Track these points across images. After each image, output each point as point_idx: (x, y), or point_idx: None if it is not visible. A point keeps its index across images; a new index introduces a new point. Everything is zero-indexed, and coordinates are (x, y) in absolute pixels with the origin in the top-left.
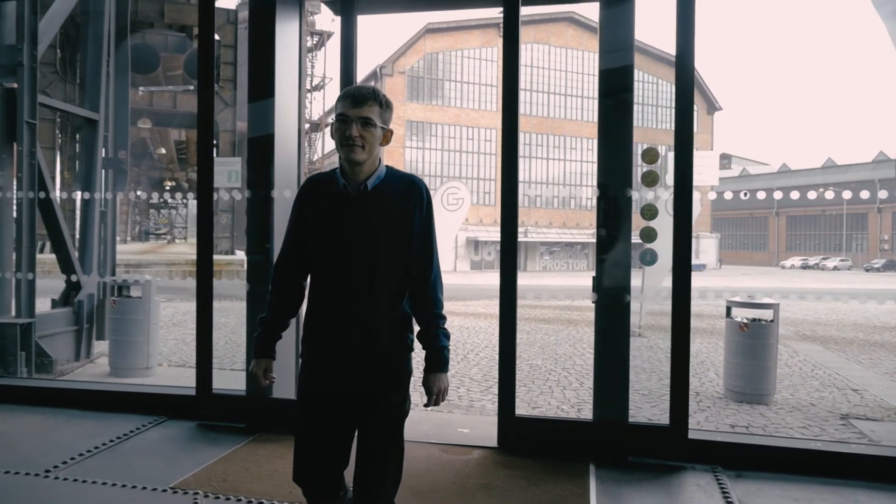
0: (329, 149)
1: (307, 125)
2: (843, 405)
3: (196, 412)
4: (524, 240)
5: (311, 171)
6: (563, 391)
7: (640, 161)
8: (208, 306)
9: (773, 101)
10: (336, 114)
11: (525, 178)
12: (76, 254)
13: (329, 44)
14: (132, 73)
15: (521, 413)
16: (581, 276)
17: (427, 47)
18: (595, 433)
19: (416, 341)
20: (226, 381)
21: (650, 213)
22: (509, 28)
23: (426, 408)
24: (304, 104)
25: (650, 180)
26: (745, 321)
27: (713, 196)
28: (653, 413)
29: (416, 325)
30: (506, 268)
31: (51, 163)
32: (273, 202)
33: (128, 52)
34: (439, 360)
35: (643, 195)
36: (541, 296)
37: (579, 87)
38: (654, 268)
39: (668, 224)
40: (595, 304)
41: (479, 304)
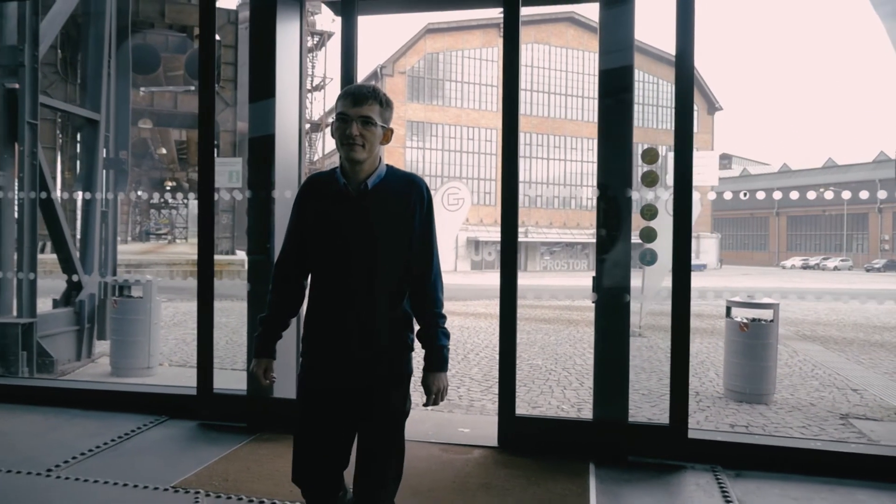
0: (329, 149)
1: (308, 125)
2: (843, 405)
3: (197, 412)
4: (525, 240)
5: (311, 171)
6: (563, 391)
7: (640, 161)
8: (209, 306)
9: (773, 101)
10: (336, 113)
11: (525, 178)
12: (77, 254)
13: (329, 44)
14: (133, 73)
15: (522, 413)
16: (581, 277)
17: (427, 47)
18: (595, 433)
19: (417, 341)
20: (227, 381)
21: (650, 213)
22: (509, 28)
23: (425, 407)
24: (304, 104)
25: (650, 180)
26: (744, 321)
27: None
28: (653, 413)
29: (417, 325)
30: (506, 268)
31: (51, 163)
32: (274, 202)
33: (129, 53)
34: (439, 360)
35: (643, 195)
36: (541, 296)
37: (580, 87)
38: (654, 268)
39: (667, 224)
40: (595, 304)
41: (480, 304)
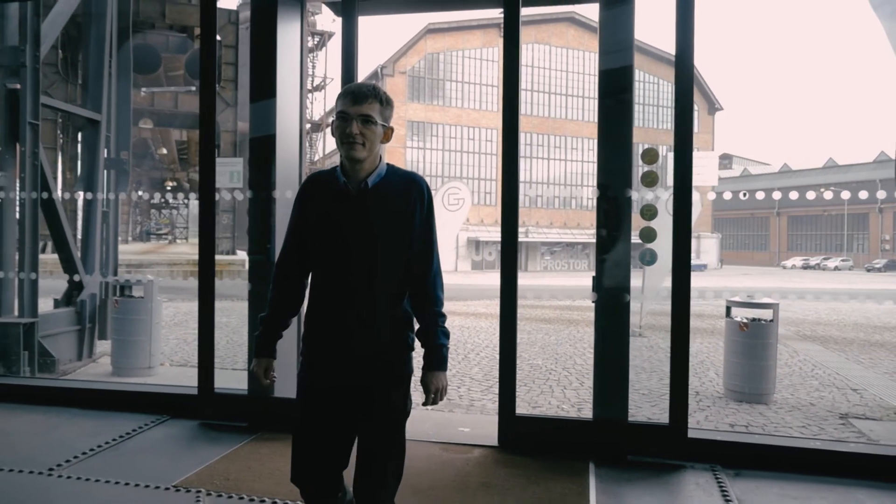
0: (330, 149)
1: (308, 125)
2: (843, 404)
3: (198, 411)
4: (525, 240)
5: (311, 171)
6: (563, 390)
7: (640, 161)
8: (210, 306)
9: (774, 102)
10: (336, 111)
11: (526, 178)
12: (78, 254)
13: (330, 44)
14: (133, 73)
15: (522, 412)
16: (582, 277)
17: (428, 47)
18: (595, 432)
19: (417, 340)
20: (228, 381)
21: (650, 213)
22: (510, 29)
23: (424, 406)
24: (305, 104)
25: (650, 181)
26: (744, 321)
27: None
28: (652, 412)
29: (418, 325)
30: (506, 268)
31: (52, 163)
32: (275, 202)
33: (130, 53)
34: (438, 359)
35: (643, 195)
36: (542, 296)
37: (580, 87)
38: (654, 268)
39: (667, 224)
40: (595, 303)
41: (480, 304)
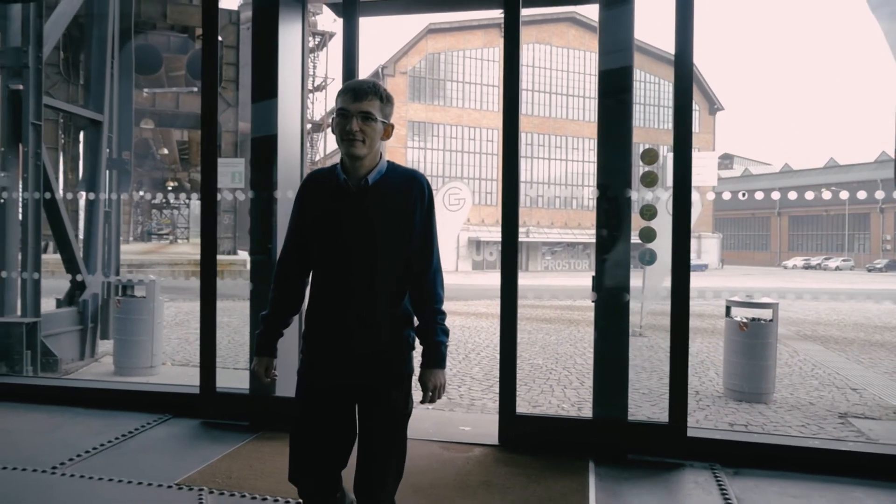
0: (331, 149)
1: (309, 125)
2: (842, 404)
3: (200, 410)
4: (526, 240)
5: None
6: (563, 390)
7: (640, 162)
8: (212, 306)
9: (774, 102)
10: (336, 108)
11: (527, 178)
12: (81, 254)
13: (331, 44)
14: (135, 74)
15: (522, 411)
16: (582, 277)
17: (429, 47)
18: (595, 431)
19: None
20: (229, 380)
21: (649, 213)
22: (510, 29)
23: (422, 404)
24: (306, 104)
25: (649, 181)
26: (744, 320)
27: (712, 196)
28: (652, 412)
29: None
30: (506, 268)
31: (54, 163)
32: (276, 202)
33: (131, 54)
34: (436, 356)
35: (642, 196)
36: (542, 296)
37: (581, 87)
38: (654, 268)
39: (667, 224)
40: (595, 303)
41: (481, 304)
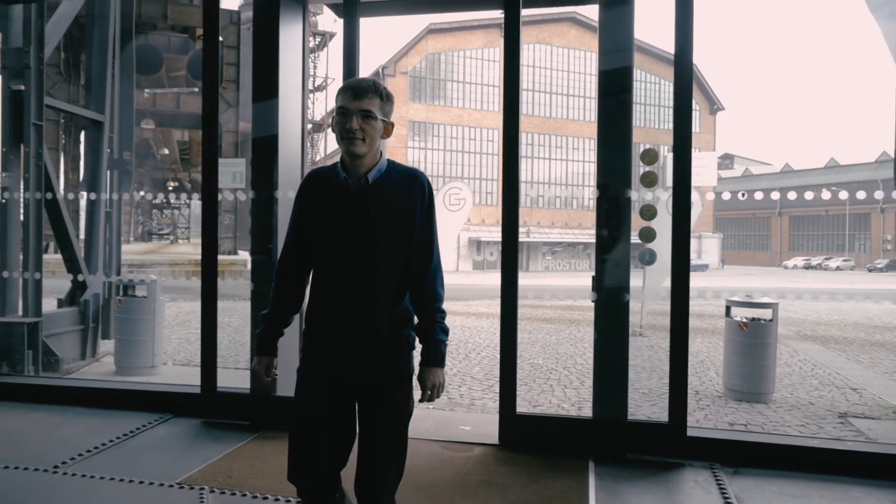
0: (331, 149)
1: (309, 125)
2: (842, 404)
3: (201, 410)
4: (526, 240)
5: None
6: (563, 389)
7: (640, 162)
8: (213, 305)
9: (775, 102)
10: (336, 106)
11: (527, 178)
12: (82, 254)
13: (331, 44)
14: (136, 74)
15: (522, 411)
16: (583, 277)
17: (429, 47)
18: (595, 431)
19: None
20: (230, 380)
21: (649, 213)
22: (510, 30)
23: (420, 402)
24: (307, 104)
25: (649, 181)
26: (744, 320)
27: (711, 196)
28: (652, 411)
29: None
30: (507, 268)
31: (55, 163)
32: (277, 202)
33: (132, 54)
34: (435, 355)
35: (642, 196)
36: (542, 296)
37: (582, 87)
38: (654, 268)
39: (667, 224)
40: (595, 303)
41: (482, 304)
